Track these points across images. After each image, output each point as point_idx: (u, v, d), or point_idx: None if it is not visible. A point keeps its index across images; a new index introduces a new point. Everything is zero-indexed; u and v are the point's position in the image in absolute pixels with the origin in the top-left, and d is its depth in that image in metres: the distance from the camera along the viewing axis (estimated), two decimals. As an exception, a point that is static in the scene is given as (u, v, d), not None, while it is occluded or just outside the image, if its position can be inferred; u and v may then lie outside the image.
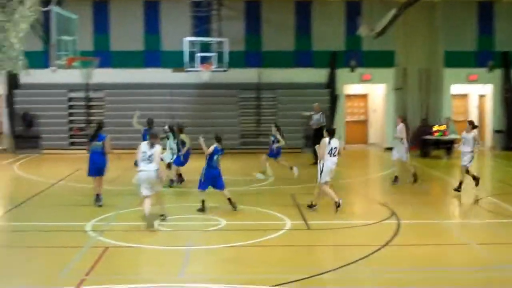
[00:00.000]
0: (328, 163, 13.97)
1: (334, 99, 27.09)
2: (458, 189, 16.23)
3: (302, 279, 9.13)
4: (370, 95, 30.01)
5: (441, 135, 24.14)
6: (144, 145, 12.52)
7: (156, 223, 12.38)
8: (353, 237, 12.33)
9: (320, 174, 14.02)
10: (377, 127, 29.45)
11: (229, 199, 14.10)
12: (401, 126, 17.84)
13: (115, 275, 9.33)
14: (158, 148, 12.47)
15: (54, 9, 15.20)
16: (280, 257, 10.56)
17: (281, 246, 11.21)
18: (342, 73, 27.51)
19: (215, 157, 13.79)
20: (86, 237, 11.68)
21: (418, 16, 27.79)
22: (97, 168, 14.54)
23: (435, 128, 24.77)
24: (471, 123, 16.77)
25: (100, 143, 14.44)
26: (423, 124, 26.35)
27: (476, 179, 16.58)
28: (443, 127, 24.59)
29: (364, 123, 29.93)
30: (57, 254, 10.61)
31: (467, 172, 16.47)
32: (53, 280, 9.07)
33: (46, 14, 15.46)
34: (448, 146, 24.63)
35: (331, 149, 13.98)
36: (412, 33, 28.45)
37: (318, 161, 14.18)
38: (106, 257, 10.34)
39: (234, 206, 14.03)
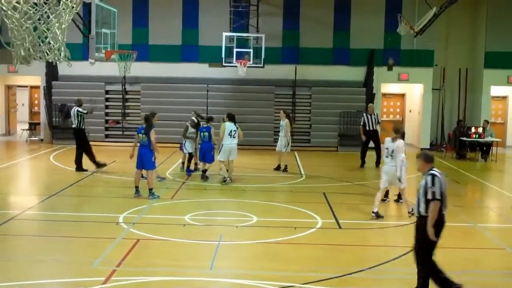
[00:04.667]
0: (227, 143, 16.61)
1: (370, 97, 26.84)
2: None
3: (332, 278, 9.09)
4: (408, 94, 29.65)
5: (478, 137, 23.73)
6: None
7: None
8: (385, 238, 12.25)
9: (219, 152, 16.82)
10: (414, 128, 29.10)
11: (204, 170, 16.86)
12: (286, 121, 19.52)
13: (145, 268, 9.41)
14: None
15: (95, 1, 15.33)
16: (310, 255, 10.51)
17: (312, 244, 11.16)
18: (379, 71, 27.22)
19: (201, 134, 16.92)
20: (118, 229, 11.78)
21: (460, 15, 27.42)
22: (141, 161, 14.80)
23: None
24: None
25: (145, 136, 14.61)
26: (460, 125, 25.91)
27: None
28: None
29: (400, 123, 29.57)
30: (90, 245, 10.75)
31: None
32: (85, 271, 9.19)
33: (86, 7, 15.59)
34: (484, 148, 24.19)
35: (231, 131, 16.76)
36: (453, 32, 28.07)
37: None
38: (137, 249, 10.44)
39: (203, 177, 16.75)
